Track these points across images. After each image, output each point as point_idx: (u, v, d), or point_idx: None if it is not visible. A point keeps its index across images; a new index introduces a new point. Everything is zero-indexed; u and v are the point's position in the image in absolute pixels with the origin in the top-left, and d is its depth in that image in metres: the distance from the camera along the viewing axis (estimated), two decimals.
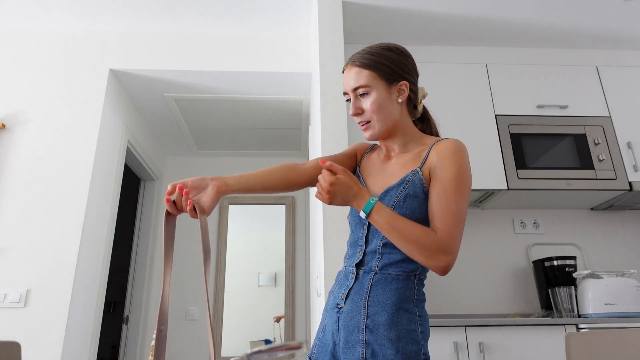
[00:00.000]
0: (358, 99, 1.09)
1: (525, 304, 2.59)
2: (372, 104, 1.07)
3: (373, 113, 1.08)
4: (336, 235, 1.92)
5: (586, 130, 2.57)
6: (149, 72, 2.72)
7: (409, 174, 1.05)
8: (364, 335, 0.97)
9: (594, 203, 2.70)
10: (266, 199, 3.86)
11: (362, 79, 1.08)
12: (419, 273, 1.04)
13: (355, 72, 1.09)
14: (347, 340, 0.99)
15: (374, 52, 1.11)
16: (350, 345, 0.98)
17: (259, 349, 0.79)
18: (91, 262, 2.46)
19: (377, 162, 1.18)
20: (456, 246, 0.96)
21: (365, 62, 1.09)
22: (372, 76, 1.08)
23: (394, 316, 0.97)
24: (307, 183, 1.14)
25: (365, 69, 1.08)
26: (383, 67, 1.09)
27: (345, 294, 1.04)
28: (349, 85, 1.10)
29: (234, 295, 3.63)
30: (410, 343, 0.95)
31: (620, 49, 2.88)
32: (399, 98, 1.10)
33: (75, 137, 2.50)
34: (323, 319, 1.11)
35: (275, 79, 2.81)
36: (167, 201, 0.93)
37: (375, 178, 1.14)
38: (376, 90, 1.07)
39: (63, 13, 2.63)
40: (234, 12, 2.64)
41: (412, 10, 2.54)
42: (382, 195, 1.06)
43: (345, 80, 1.11)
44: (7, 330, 2.12)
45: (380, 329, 0.96)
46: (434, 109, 2.83)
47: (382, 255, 1.03)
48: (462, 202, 1.00)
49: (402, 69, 1.11)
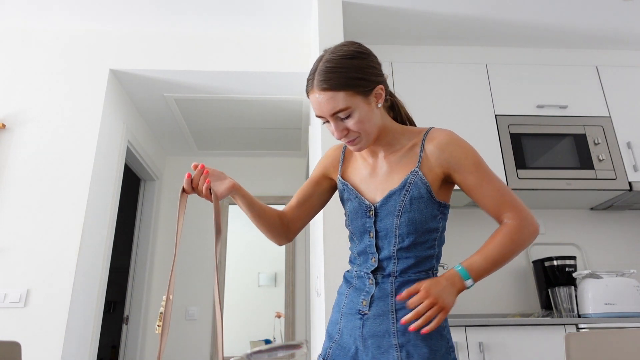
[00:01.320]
0: (340, 121, 1.00)
1: (525, 304, 2.59)
2: (356, 123, 1.00)
3: (360, 130, 1.01)
4: (336, 235, 1.92)
5: (586, 130, 2.57)
6: (149, 72, 2.72)
7: (409, 176, 1.03)
8: (396, 339, 0.97)
9: (594, 203, 2.70)
10: (266, 198, 3.86)
11: (340, 103, 0.97)
12: (435, 270, 1.06)
13: (329, 97, 0.97)
14: (378, 345, 0.98)
15: (338, 67, 0.98)
16: (383, 350, 0.98)
17: (259, 349, 0.79)
18: (91, 262, 2.46)
19: (364, 166, 1.13)
20: (526, 211, 1.01)
21: (335, 83, 0.96)
22: (349, 95, 0.97)
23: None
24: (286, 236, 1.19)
25: (339, 90, 0.96)
26: (356, 82, 0.98)
27: (367, 301, 1.03)
28: (324, 112, 0.99)
29: (234, 295, 3.63)
30: (440, 339, 0.98)
31: (620, 49, 2.88)
32: (378, 103, 1.03)
33: (75, 137, 2.50)
34: (337, 321, 1.09)
35: (275, 79, 2.81)
36: (188, 176, 0.99)
37: (369, 183, 1.10)
38: (357, 108, 0.98)
39: (63, 13, 2.63)
40: (234, 12, 2.64)
41: (412, 10, 2.54)
42: (385, 200, 1.04)
43: (316, 105, 1.00)
44: (7, 330, 2.12)
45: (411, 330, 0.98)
46: (434, 109, 2.82)
47: (397, 260, 1.03)
48: (496, 178, 1.04)
49: (373, 74, 1.02)
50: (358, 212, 1.09)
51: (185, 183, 0.99)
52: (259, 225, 1.14)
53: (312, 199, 1.20)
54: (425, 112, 2.53)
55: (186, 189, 1.00)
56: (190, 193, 1.01)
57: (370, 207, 1.06)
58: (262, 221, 1.13)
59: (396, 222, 1.02)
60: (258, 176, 3.97)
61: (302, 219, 1.20)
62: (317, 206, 1.22)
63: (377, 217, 1.05)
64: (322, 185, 1.21)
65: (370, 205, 1.06)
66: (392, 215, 1.03)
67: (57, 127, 2.51)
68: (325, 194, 1.22)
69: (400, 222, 1.02)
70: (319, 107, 1.00)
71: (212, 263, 3.66)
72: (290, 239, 1.21)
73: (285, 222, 1.17)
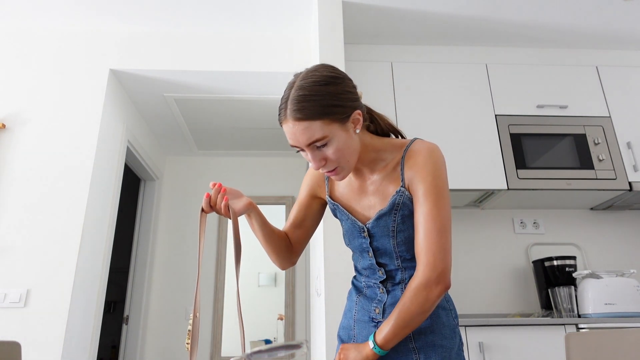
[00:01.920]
0: (316, 150, 0.95)
1: (525, 304, 2.59)
2: (335, 152, 0.94)
3: (339, 159, 0.96)
4: (336, 236, 1.92)
5: (586, 130, 2.57)
6: (149, 72, 2.72)
7: (395, 197, 1.01)
8: (412, 343, 0.99)
9: (594, 203, 2.70)
10: (266, 198, 3.86)
11: (316, 132, 0.91)
12: None
13: (304, 128, 0.91)
14: (396, 350, 0.99)
15: (311, 95, 0.92)
16: (400, 355, 0.99)
17: (259, 349, 0.79)
18: (91, 262, 2.46)
19: (353, 186, 1.11)
20: (440, 268, 0.93)
21: (310, 112, 0.91)
22: (325, 124, 0.92)
23: (435, 317, 1.00)
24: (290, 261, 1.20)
25: (314, 119, 0.91)
26: (332, 109, 0.92)
27: (380, 308, 1.04)
28: (300, 142, 0.93)
29: (234, 295, 3.62)
30: (452, 337, 1.01)
31: (620, 49, 2.88)
32: (356, 129, 0.98)
33: (75, 137, 2.50)
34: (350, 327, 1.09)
35: (275, 79, 2.81)
36: (207, 196, 1.01)
37: (358, 202, 1.09)
38: (334, 137, 0.93)
39: (63, 13, 2.63)
40: (234, 12, 2.64)
41: (412, 10, 2.54)
42: (375, 222, 1.03)
43: (291, 136, 0.94)
44: (7, 330, 2.12)
45: (427, 332, 0.99)
46: (435, 109, 2.82)
47: (404, 269, 1.03)
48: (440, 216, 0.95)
49: (349, 99, 0.97)
50: (353, 233, 1.09)
51: (204, 203, 1.01)
52: (268, 246, 1.14)
53: (307, 222, 1.20)
54: (426, 112, 2.53)
55: (205, 209, 1.01)
56: (209, 212, 1.02)
57: (363, 229, 1.06)
58: (272, 242, 1.13)
59: (393, 243, 1.02)
60: (258, 176, 3.97)
61: (302, 241, 1.20)
62: (312, 227, 1.22)
63: (372, 238, 1.05)
64: (313, 206, 1.20)
65: (363, 226, 1.06)
66: (387, 236, 1.03)
67: (57, 127, 2.51)
68: (317, 213, 1.22)
69: (397, 242, 1.02)
70: (294, 137, 0.94)
71: (213, 263, 3.66)
72: (294, 262, 1.21)
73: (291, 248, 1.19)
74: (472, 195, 2.56)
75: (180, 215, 3.75)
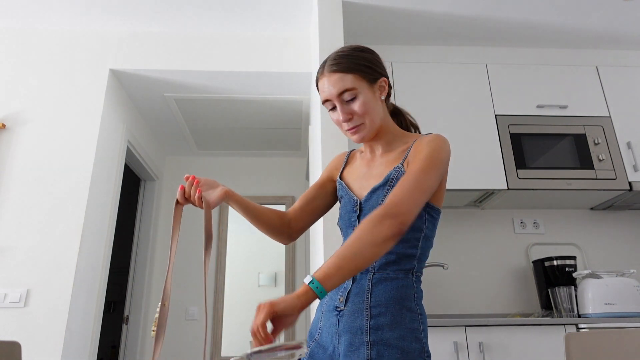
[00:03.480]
0: (345, 104, 1.05)
1: (525, 304, 2.59)
2: (361, 106, 1.05)
3: (364, 115, 1.05)
4: (336, 236, 1.92)
5: (586, 130, 2.57)
6: (149, 72, 2.72)
7: (392, 172, 1.06)
8: (368, 336, 0.95)
9: (594, 203, 2.70)
10: (266, 198, 3.86)
11: (348, 83, 1.04)
12: (416, 270, 1.04)
13: (338, 78, 1.05)
14: (350, 343, 0.97)
15: (348, 55, 1.08)
16: (354, 348, 0.96)
17: (259, 348, 0.78)
18: (91, 262, 2.46)
19: (361, 165, 1.17)
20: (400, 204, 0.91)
21: (345, 66, 1.06)
22: (356, 78, 1.05)
23: (397, 316, 0.97)
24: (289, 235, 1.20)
25: (348, 72, 1.05)
26: (364, 68, 1.07)
27: (344, 297, 1.02)
28: (331, 93, 1.05)
29: (234, 295, 3.62)
30: (414, 342, 0.95)
31: (620, 49, 2.88)
32: (382, 95, 1.10)
33: (75, 137, 2.50)
34: (318, 320, 1.09)
35: (275, 79, 2.81)
36: (181, 188, 1.03)
37: (361, 181, 1.13)
38: (362, 92, 1.05)
39: (63, 13, 2.63)
40: (234, 12, 2.64)
41: (412, 10, 2.54)
42: (369, 195, 1.06)
43: (324, 88, 1.07)
44: (7, 330, 2.12)
45: (385, 329, 0.96)
46: (434, 109, 2.82)
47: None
48: (423, 177, 0.96)
49: (379, 67, 1.11)
50: (347, 207, 1.12)
51: (178, 195, 1.04)
52: (258, 226, 1.16)
53: (316, 201, 1.23)
54: (426, 112, 2.53)
55: (180, 200, 1.04)
56: (184, 204, 1.05)
57: (357, 202, 1.09)
58: (261, 222, 1.15)
59: None
60: (258, 176, 3.97)
61: (304, 219, 1.21)
62: (320, 208, 1.24)
63: (361, 212, 1.07)
64: (326, 187, 1.24)
65: (357, 200, 1.09)
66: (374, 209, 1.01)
67: (57, 127, 2.51)
68: (329, 196, 1.24)
69: None
70: (327, 89, 1.06)
71: (213, 263, 3.66)
72: (293, 238, 1.22)
73: (286, 221, 1.19)
74: (472, 195, 2.56)
75: (186, 206, 3.74)
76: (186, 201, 1.05)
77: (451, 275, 2.61)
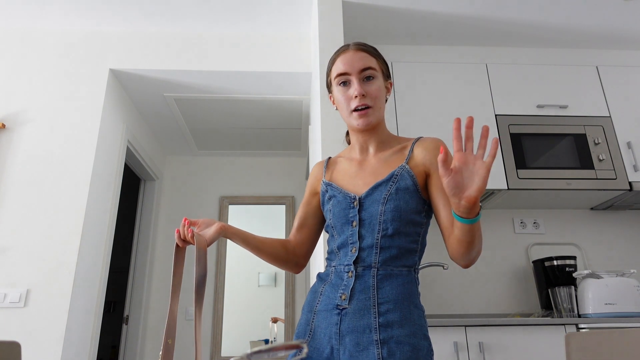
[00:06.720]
0: (362, 82, 1.08)
1: (525, 304, 2.59)
2: (376, 90, 1.08)
3: (376, 99, 1.08)
4: None
5: (586, 130, 2.57)
6: (149, 72, 2.72)
7: (397, 169, 1.06)
8: (377, 334, 0.93)
9: (594, 203, 2.70)
10: (266, 198, 3.86)
11: (372, 62, 1.10)
12: (416, 267, 1.04)
13: (364, 56, 1.10)
14: (357, 342, 0.94)
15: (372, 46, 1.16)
16: (362, 348, 0.93)
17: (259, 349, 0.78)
18: (91, 262, 2.46)
19: (350, 166, 1.15)
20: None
21: (371, 51, 1.12)
22: (378, 65, 1.12)
23: (407, 313, 0.96)
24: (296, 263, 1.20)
25: (373, 56, 1.12)
26: (383, 61, 1.15)
27: (347, 294, 0.99)
28: (356, 66, 1.09)
29: (234, 295, 3.63)
30: (422, 339, 0.95)
31: (620, 49, 2.88)
32: (387, 94, 1.15)
33: (75, 137, 2.50)
34: (308, 322, 1.04)
35: (275, 79, 2.81)
36: (177, 231, 1.01)
37: (354, 179, 1.11)
38: (379, 78, 1.10)
39: (63, 13, 2.63)
40: (234, 12, 2.64)
41: (412, 10, 2.54)
42: (371, 190, 1.05)
43: (349, 61, 1.10)
44: (7, 330, 2.12)
45: (395, 326, 0.94)
46: (435, 109, 2.82)
47: (379, 249, 1.01)
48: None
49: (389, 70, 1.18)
50: (342, 205, 1.09)
51: (177, 238, 1.01)
52: (263, 257, 1.14)
53: (309, 220, 1.21)
54: (426, 112, 2.53)
55: (179, 244, 1.01)
56: (183, 246, 1.01)
57: (354, 198, 1.07)
58: (265, 253, 1.13)
59: (381, 209, 1.02)
60: (258, 176, 3.97)
61: (305, 240, 1.20)
62: (316, 226, 1.22)
63: (361, 207, 1.05)
64: (313, 203, 1.22)
65: (355, 196, 1.07)
66: (377, 203, 1.03)
67: (57, 127, 2.51)
68: (319, 210, 1.22)
69: (385, 209, 1.02)
70: (350, 63, 1.09)
71: (213, 263, 3.66)
72: (302, 265, 1.21)
73: (290, 249, 1.18)
74: None
75: (180, 215, 3.75)
76: (184, 243, 1.01)
77: (451, 275, 2.61)
